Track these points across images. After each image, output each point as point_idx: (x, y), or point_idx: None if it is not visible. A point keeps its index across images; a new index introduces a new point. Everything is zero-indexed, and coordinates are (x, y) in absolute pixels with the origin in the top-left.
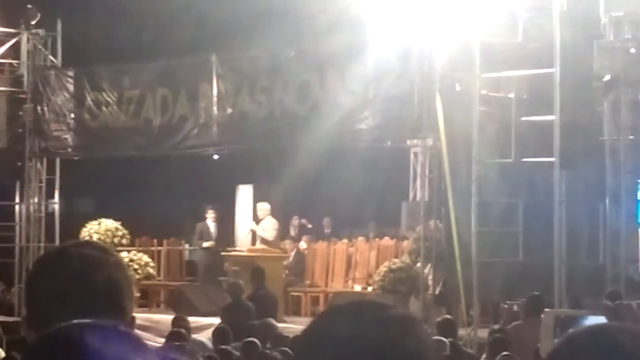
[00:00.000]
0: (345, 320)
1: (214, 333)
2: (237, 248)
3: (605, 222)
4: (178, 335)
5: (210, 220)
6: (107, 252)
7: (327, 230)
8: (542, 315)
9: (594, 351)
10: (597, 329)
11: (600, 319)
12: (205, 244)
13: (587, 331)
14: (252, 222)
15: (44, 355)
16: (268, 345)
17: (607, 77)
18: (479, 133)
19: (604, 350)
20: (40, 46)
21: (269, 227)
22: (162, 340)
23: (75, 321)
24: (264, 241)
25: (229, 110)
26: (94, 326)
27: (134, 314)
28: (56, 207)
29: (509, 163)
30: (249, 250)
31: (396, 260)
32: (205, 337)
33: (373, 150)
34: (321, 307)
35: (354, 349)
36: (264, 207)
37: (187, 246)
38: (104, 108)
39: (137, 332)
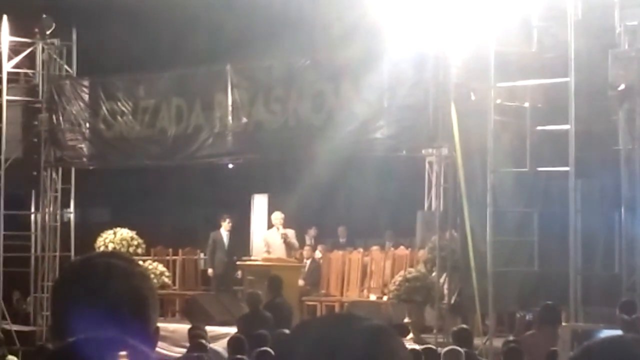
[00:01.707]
0: (317, 334)
1: (230, 342)
2: (252, 257)
3: (620, 232)
4: (198, 345)
5: (224, 229)
6: (132, 263)
7: (342, 240)
8: (560, 329)
9: None
10: (612, 339)
11: (617, 332)
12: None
13: (602, 342)
14: (281, 228)
15: None
16: None
17: (622, 87)
18: (494, 142)
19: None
20: (55, 56)
21: (292, 236)
22: (178, 349)
23: (87, 335)
24: (292, 248)
25: (244, 120)
26: (104, 340)
27: (158, 325)
28: (71, 216)
29: (524, 172)
30: (264, 260)
31: (411, 269)
32: (220, 346)
33: (388, 159)
34: None
35: None
36: (281, 217)
37: (202, 255)
38: (119, 118)
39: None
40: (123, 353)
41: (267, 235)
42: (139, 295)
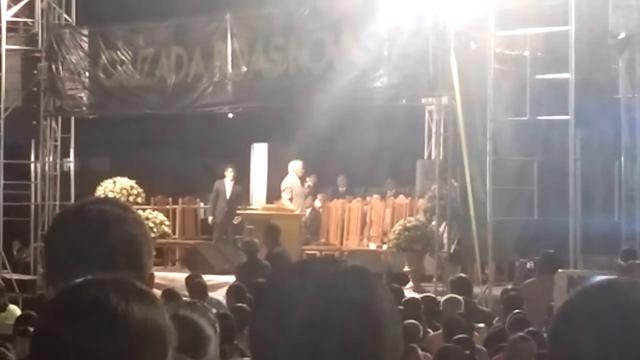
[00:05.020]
0: (294, 279)
1: (229, 291)
2: (252, 206)
3: (620, 180)
4: (199, 293)
5: (228, 179)
6: (126, 209)
7: (341, 189)
8: (555, 276)
9: (604, 304)
10: (607, 282)
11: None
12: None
13: (597, 285)
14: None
15: (62, 311)
16: None
17: (622, 35)
18: (494, 91)
19: (614, 302)
20: (54, 5)
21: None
22: None
23: (92, 277)
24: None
25: (244, 69)
26: (111, 282)
27: (153, 272)
28: (71, 165)
29: (524, 121)
30: (264, 209)
31: (411, 218)
32: (220, 295)
33: (388, 108)
34: None
35: (303, 306)
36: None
37: (202, 205)
38: (118, 67)
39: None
40: None
41: (293, 183)
42: (134, 242)
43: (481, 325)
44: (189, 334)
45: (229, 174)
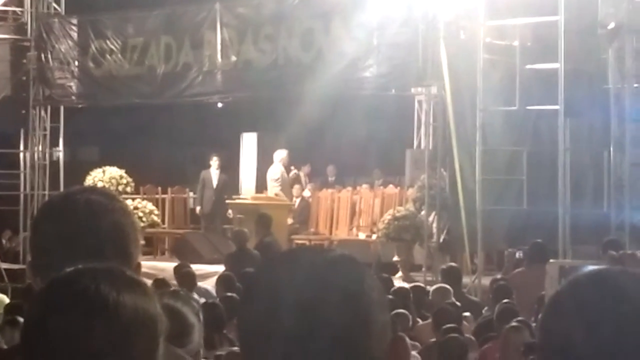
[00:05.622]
0: (283, 268)
1: (218, 280)
2: (241, 196)
3: (609, 170)
4: (187, 282)
5: (214, 168)
6: (113, 198)
7: (331, 178)
8: (547, 266)
9: (595, 294)
10: (599, 272)
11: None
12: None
13: (588, 275)
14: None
15: (52, 301)
16: None
17: (612, 25)
18: (484, 81)
19: (606, 292)
20: None
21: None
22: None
23: (82, 266)
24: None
25: (233, 58)
26: (102, 271)
27: (140, 261)
28: (60, 155)
29: (513, 111)
30: (254, 198)
31: (400, 208)
32: (209, 284)
33: (377, 98)
34: None
35: (292, 295)
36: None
37: (191, 194)
38: (108, 56)
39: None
40: None
41: (283, 172)
42: (121, 231)
43: (467, 314)
44: (172, 322)
45: (214, 162)
